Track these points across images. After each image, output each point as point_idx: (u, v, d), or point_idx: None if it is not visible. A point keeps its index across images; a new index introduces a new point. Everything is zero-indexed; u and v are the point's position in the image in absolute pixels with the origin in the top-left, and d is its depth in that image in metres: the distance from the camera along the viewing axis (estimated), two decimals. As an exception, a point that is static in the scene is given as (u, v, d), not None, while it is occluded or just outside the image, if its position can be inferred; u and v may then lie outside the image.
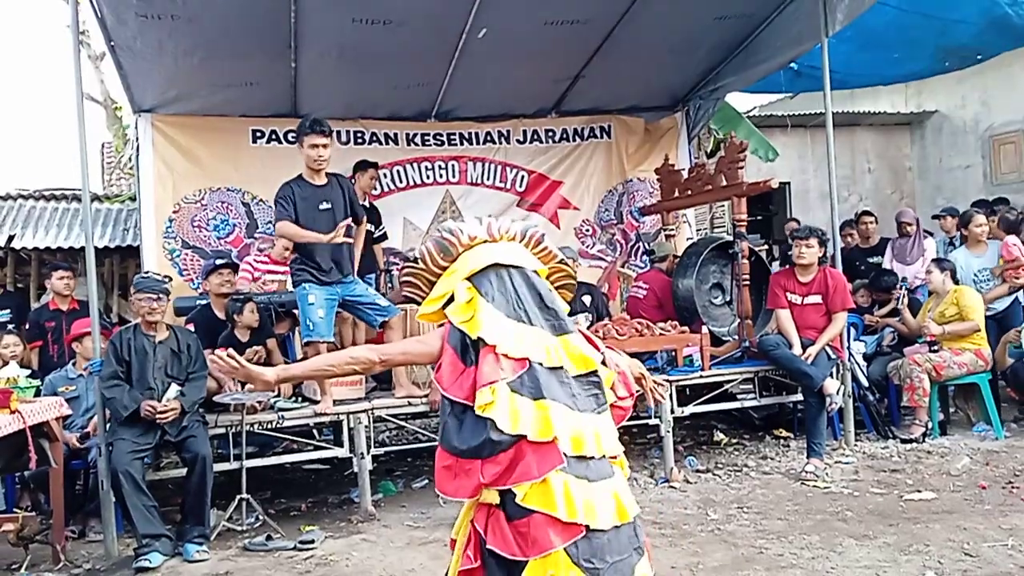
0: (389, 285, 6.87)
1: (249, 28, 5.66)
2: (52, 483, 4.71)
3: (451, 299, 2.29)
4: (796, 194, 11.26)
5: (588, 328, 5.98)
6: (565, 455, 2.13)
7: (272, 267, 6.50)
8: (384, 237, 7.09)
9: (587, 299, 6.52)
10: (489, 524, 2.14)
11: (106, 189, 11.87)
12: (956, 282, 6.53)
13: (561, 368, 2.21)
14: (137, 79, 6.30)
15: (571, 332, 2.30)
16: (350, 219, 5.24)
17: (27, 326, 6.38)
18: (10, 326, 6.39)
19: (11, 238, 7.81)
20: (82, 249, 6.19)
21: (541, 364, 2.18)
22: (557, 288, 2.44)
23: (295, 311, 6.11)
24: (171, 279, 5.20)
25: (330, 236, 4.96)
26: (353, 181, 6.32)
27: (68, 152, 25.25)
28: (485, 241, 2.33)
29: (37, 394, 4.85)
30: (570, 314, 7.09)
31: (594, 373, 2.27)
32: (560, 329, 2.28)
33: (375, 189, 7.21)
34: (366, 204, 6.36)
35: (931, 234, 7.95)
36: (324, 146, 5.08)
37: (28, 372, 4.93)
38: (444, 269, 2.34)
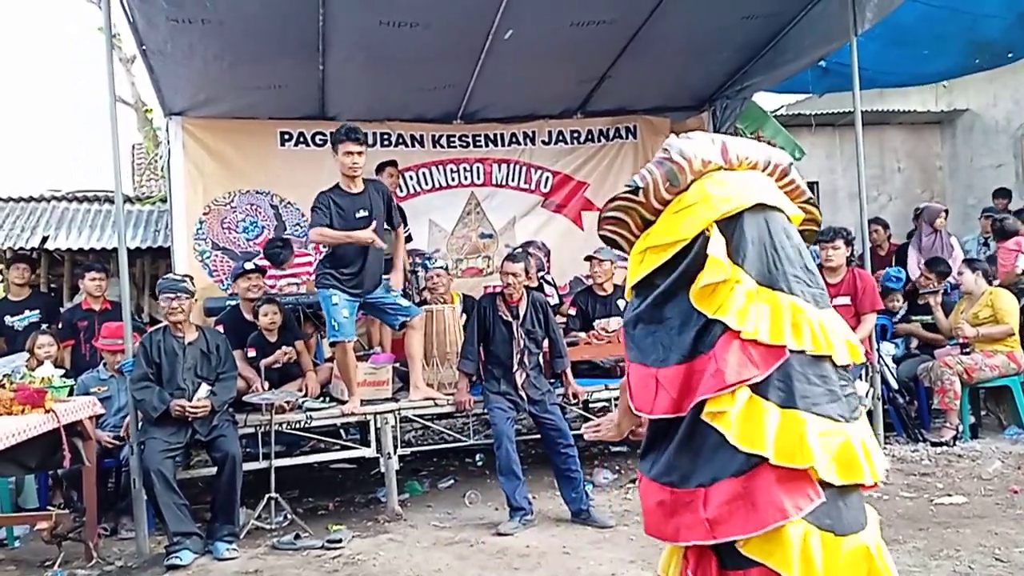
0: (416, 286, 6.91)
1: (277, 32, 5.71)
2: (85, 482, 4.79)
3: (684, 249, 1.68)
4: (824, 194, 11.15)
5: (614, 331, 6.00)
6: (823, 488, 1.57)
7: (288, 271, 6.55)
8: (409, 238, 7.12)
9: (622, 303, 6.47)
10: (700, 569, 1.66)
11: (136, 190, 12.03)
12: (989, 283, 6.46)
13: (827, 358, 1.65)
14: (168, 82, 6.38)
15: (830, 306, 1.73)
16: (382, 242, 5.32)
17: (60, 325, 6.48)
18: (43, 326, 6.49)
19: (45, 239, 7.94)
20: (114, 250, 6.29)
21: (803, 352, 1.62)
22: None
23: (320, 313, 6.17)
24: (192, 278, 5.25)
25: (365, 235, 5.01)
26: None
27: (99, 153, 25.68)
28: (720, 168, 1.76)
29: (70, 394, 4.94)
30: (606, 317, 6.78)
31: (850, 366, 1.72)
32: (823, 300, 1.71)
33: (400, 189, 7.26)
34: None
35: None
36: (359, 153, 5.14)
37: (62, 372, 5.01)
38: (665, 204, 1.75)
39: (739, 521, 1.55)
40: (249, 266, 6.01)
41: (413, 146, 7.53)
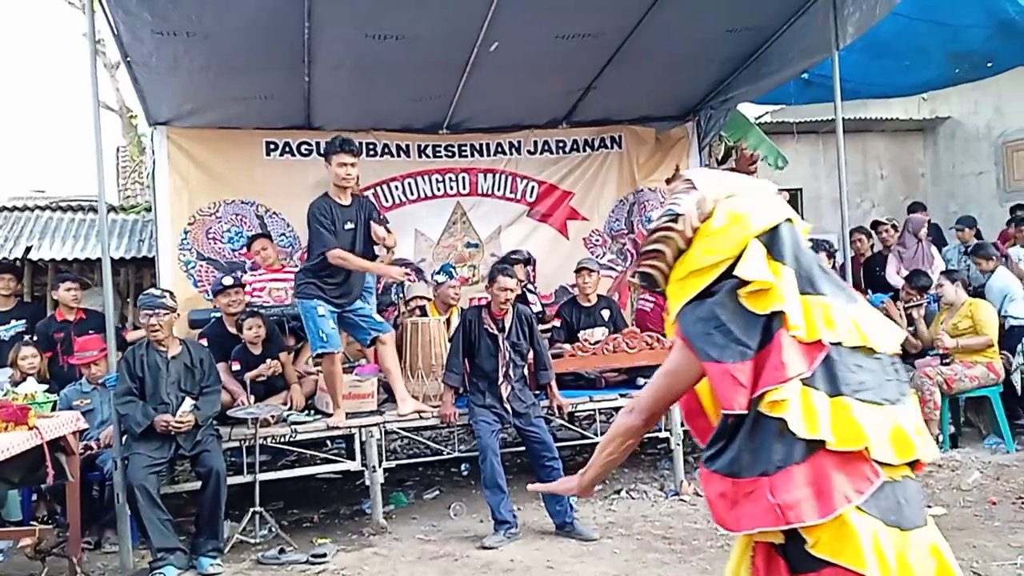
0: (400, 296, 6.91)
1: (263, 44, 5.70)
2: (69, 497, 4.76)
3: (732, 266, 1.77)
4: (808, 200, 11.24)
5: (597, 342, 6.03)
6: (880, 472, 1.65)
7: (275, 275, 6.53)
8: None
9: (606, 313, 6.50)
10: (769, 573, 1.71)
11: (120, 192, 11.96)
12: (969, 294, 6.53)
13: (862, 348, 1.74)
14: (152, 93, 6.36)
15: (859, 302, 1.83)
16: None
17: (35, 338, 6.44)
18: (26, 336, 6.46)
19: (28, 249, 7.90)
20: (98, 260, 6.26)
21: (840, 344, 1.72)
22: None
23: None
24: (172, 293, 5.23)
25: (395, 272, 5.47)
26: None
27: (80, 155, 25.46)
28: (730, 195, 1.87)
29: (53, 408, 4.92)
30: (590, 327, 6.82)
31: (897, 357, 1.80)
32: (851, 298, 1.82)
33: (384, 199, 7.26)
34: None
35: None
36: (352, 164, 5.20)
37: (45, 387, 4.99)
38: (694, 232, 1.85)
39: (808, 508, 1.60)
40: (228, 281, 5.96)
41: (399, 156, 7.53)
